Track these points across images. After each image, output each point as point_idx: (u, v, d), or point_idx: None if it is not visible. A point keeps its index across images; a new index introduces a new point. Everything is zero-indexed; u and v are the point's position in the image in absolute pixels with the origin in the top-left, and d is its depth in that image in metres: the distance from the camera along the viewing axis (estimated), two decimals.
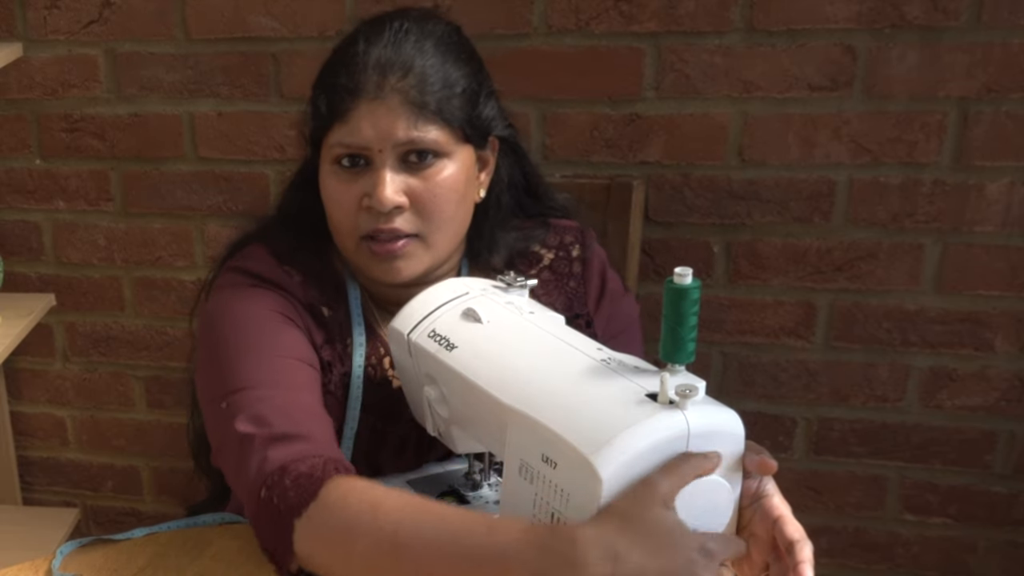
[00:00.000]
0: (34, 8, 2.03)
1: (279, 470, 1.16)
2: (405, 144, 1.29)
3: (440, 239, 1.34)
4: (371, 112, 1.29)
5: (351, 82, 1.30)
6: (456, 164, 1.33)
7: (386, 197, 1.29)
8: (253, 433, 1.21)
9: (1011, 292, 1.85)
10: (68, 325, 2.28)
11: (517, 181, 1.47)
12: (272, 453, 1.18)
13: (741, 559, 1.04)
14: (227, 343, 1.31)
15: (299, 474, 1.15)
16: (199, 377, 1.37)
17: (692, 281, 0.96)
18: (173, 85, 2.04)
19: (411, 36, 1.32)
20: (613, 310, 1.48)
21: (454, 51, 1.34)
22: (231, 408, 1.25)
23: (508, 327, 1.16)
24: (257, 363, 1.28)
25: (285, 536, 1.13)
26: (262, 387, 1.26)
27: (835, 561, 2.09)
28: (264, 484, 1.16)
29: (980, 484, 1.98)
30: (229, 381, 1.27)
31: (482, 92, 1.37)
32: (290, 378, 1.29)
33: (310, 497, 1.12)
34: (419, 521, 1.05)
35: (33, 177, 2.17)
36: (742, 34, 1.80)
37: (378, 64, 1.30)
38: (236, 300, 1.36)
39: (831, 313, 1.93)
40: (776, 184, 1.87)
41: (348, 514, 1.10)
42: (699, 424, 0.95)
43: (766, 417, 2.02)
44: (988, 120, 1.77)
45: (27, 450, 2.41)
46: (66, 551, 1.34)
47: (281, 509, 1.13)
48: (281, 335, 1.32)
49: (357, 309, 1.40)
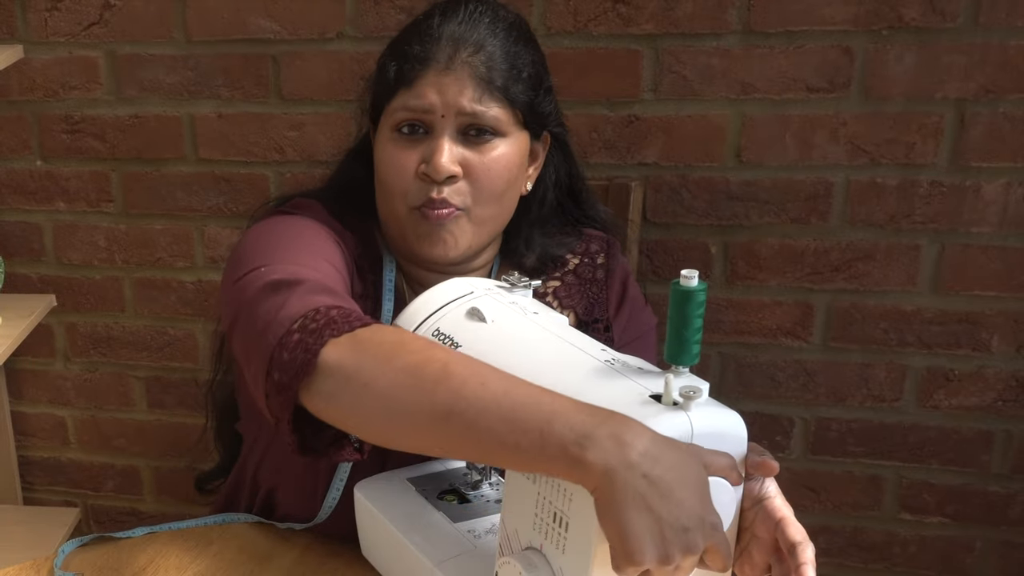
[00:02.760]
0: (35, 10, 2.04)
1: (328, 306, 1.09)
2: (468, 115, 1.32)
3: (486, 216, 1.36)
4: (438, 81, 1.32)
5: (423, 51, 1.33)
6: (512, 146, 1.35)
7: (443, 164, 1.31)
8: (298, 279, 1.15)
9: (1008, 292, 1.86)
10: (69, 325, 2.28)
11: (562, 181, 1.49)
12: (319, 297, 1.12)
13: (743, 560, 1.05)
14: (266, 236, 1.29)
15: (350, 309, 1.09)
16: (225, 272, 1.29)
17: (698, 283, 0.96)
18: (173, 86, 2.04)
19: (485, 18, 1.35)
20: (631, 318, 1.49)
21: (524, 39, 1.38)
22: (265, 272, 1.18)
23: (512, 327, 1.16)
24: (295, 252, 1.24)
25: (311, 351, 1.04)
26: (303, 265, 1.21)
27: (833, 561, 2.10)
28: (305, 315, 1.08)
29: (977, 484, 1.99)
30: (260, 258, 1.22)
31: (543, 84, 1.40)
32: (325, 271, 1.24)
33: (359, 323, 1.06)
34: (474, 362, 1.00)
35: (34, 178, 2.17)
36: (740, 36, 1.81)
37: (451, 38, 1.33)
38: (282, 217, 1.35)
39: (829, 313, 1.94)
40: (774, 185, 1.88)
41: (403, 335, 1.05)
42: (702, 425, 0.95)
43: (764, 417, 2.03)
44: (985, 121, 1.78)
45: (28, 450, 2.41)
46: (68, 550, 1.34)
47: (320, 327, 1.06)
48: (324, 242, 1.31)
49: (390, 284, 1.41)
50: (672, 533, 0.89)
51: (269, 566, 1.31)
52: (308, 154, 2.01)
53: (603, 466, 0.89)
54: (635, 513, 0.89)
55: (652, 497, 0.89)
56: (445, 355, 1.01)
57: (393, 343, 1.04)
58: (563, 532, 0.98)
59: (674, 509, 0.89)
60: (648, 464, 0.89)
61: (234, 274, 1.25)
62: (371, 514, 1.28)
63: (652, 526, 0.89)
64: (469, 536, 1.21)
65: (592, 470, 0.90)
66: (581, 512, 0.96)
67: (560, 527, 0.98)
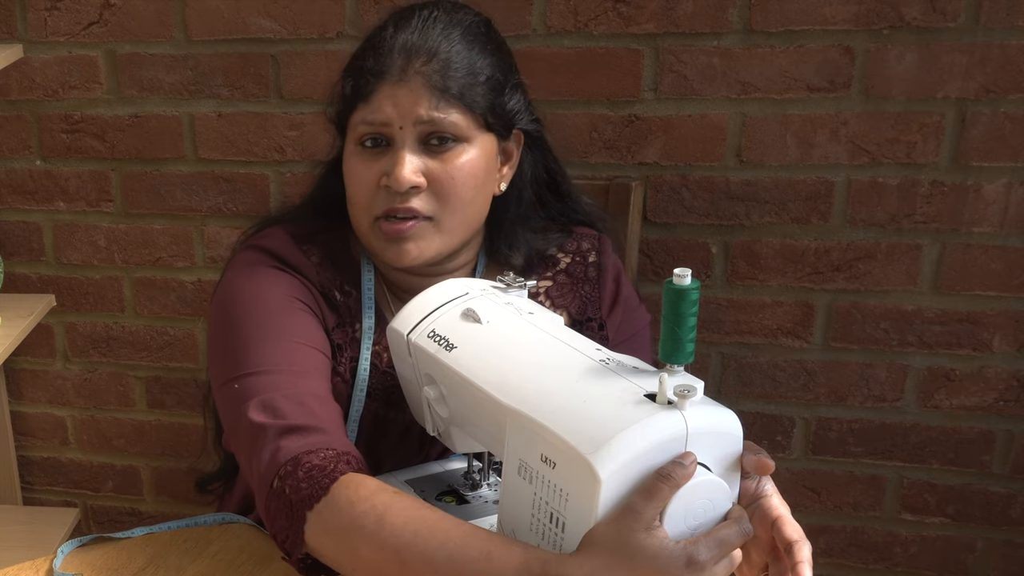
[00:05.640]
0: (34, 9, 2.04)
1: (292, 461, 1.16)
2: (426, 123, 1.31)
3: (454, 224, 1.36)
4: (393, 93, 1.32)
5: (377, 65, 1.33)
6: (476, 150, 1.35)
7: (404, 176, 1.31)
8: (266, 423, 1.21)
9: (1009, 292, 1.86)
10: (68, 325, 2.28)
11: (540, 177, 1.49)
12: (285, 443, 1.19)
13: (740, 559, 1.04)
14: (240, 325, 1.32)
15: (312, 466, 1.15)
16: (211, 356, 1.37)
17: (691, 282, 0.96)
18: (173, 86, 2.04)
19: (439, 24, 1.34)
20: (625, 317, 1.49)
21: (481, 41, 1.37)
22: (243, 392, 1.25)
23: (508, 327, 1.16)
24: (269, 346, 1.29)
25: (297, 526, 1.14)
26: (274, 372, 1.26)
27: (833, 561, 2.09)
28: (277, 474, 1.17)
29: (978, 484, 1.99)
30: (241, 363, 1.28)
31: (508, 83, 1.39)
32: (301, 363, 1.29)
33: (321, 492, 1.13)
34: (421, 539, 1.06)
35: (34, 178, 2.17)
36: (740, 35, 1.81)
37: (404, 48, 1.32)
38: (251, 282, 1.37)
39: (829, 313, 1.94)
40: (774, 185, 1.88)
41: (354, 518, 1.10)
42: (697, 424, 0.95)
43: (764, 417, 2.03)
44: (986, 121, 1.77)
45: (27, 450, 2.42)
46: (67, 550, 1.34)
47: (293, 500, 1.14)
48: (294, 320, 1.33)
49: (369, 294, 1.41)
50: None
51: (269, 566, 1.31)
52: (308, 154, 2.01)
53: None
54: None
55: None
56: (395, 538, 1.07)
57: (348, 528, 1.11)
58: (559, 532, 0.98)
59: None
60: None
61: (217, 373, 1.33)
62: None
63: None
64: None
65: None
66: (577, 512, 0.96)
67: (556, 527, 0.98)
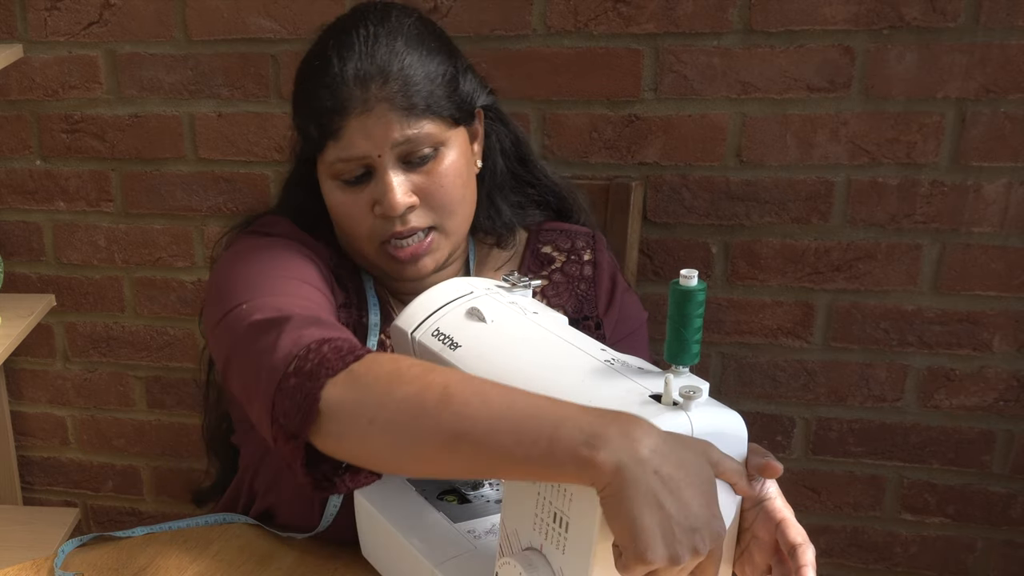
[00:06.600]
0: (34, 9, 2.04)
1: (318, 342, 1.09)
2: (402, 144, 1.30)
3: (456, 224, 1.37)
4: (362, 125, 1.29)
5: (336, 102, 1.30)
6: (454, 150, 1.35)
7: (397, 202, 1.30)
8: (282, 316, 1.14)
9: (1009, 292, 1.86)
10: (68, 325, 2.28)
11: (507, 148, 1.49)
12: (308, 331, 1.11)
13: (743, 561, 1.04)
14: (246, 263, 1.28)
15: (341, 342, 1.08)
16: (210, 301, 1.29)
17: (698, 283, 0.96)
18: (173, 86, 2.04)
19: (380, 40, 1.31)
20: (622, 314, 1.49)
21: (425, 41, 1.34)
22: (247, 311, 1.18)
23: (512, 327, 1.16)
24: (278, 280, 1.24)
25: (312, 396, 1.05)
26: (284, 295, 1.21)
27: (833, 561, 2.09)
28: (298, 355, 1.08)
29: (978, 484, 1.99)
30: (243, 293, 1.22)
31: (459, 71, 1.37)
32: (311, 299, 1.24)
33: (352, 358, 1.06)
34: (472, 379, 1.01)
35: (33, 178, 2.17)
36: (740, 35, 1.81)
37: (357, 78, 1.29)
38: (256, 241, 1.34)
39: (829, 313, 1.94)
40: (774, 185, 1.88)
41: (399, 364, 1.04)
42: (702, 425, 0.95)
43: (764, 417, 2.03)
44: (986, 121, 1.78)
45: (27, 450, 2.41)
46: (67, 550, 1.34)
47: (315, 366, 1.06)
48: (304, 266, 1.30)
49: (372, 294, 1.41)
50: (682, 533, 0.89)
51: (269, 567, 1.31)
52: None
53: (614, 463, 0.89)
54: (647, 510, 0.88)
55: (663, 494, 0.89)
56: (443, 378, 1.01)
57: (390, 373, 1.03)
58: (563, 532, 0.98)
59: (684, 508, 0.89)
60: (658, 460, 0.89)
61: (216, 313, 1.25)
62: (371, 515, 1.28)
63: (663, 524, 0.89)
64: (469, 536, 1.21)
65: (603, 468, 0.89)
66: (581, 512, 0.96)
67: (560, 527, 0.98)
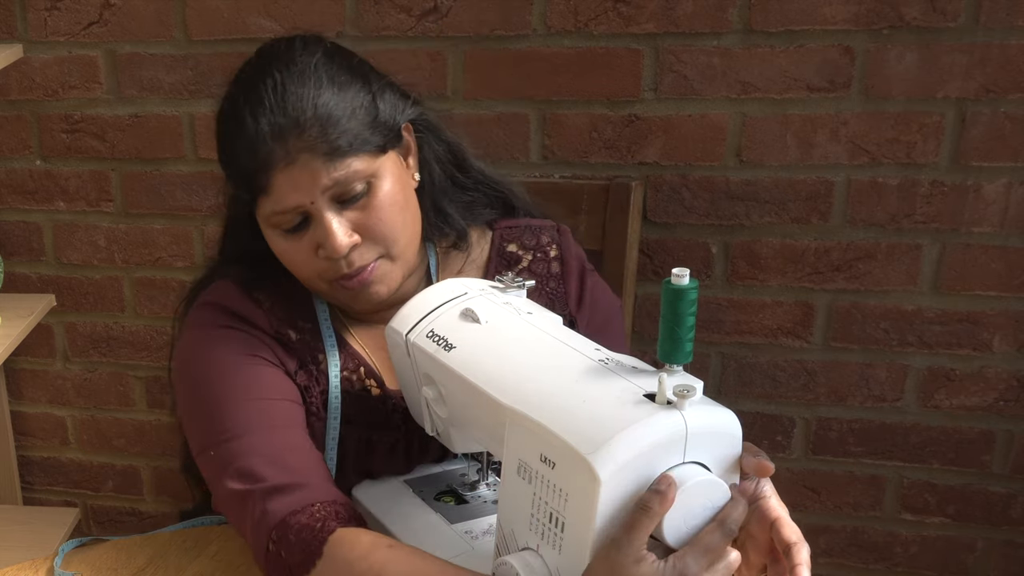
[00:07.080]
0: (34, 9, 2.04)
1: (280, 525, 1.19)
2: (332, 187, 1.28)
3: (401, 248, 1.35)
4: (288, 178, 1.27)
5: (257, 161, 1.28)
6: (387, 178, 1.32)
7: (339, 243, 1.29)
8: (247, 489, 1.23)
9: (1009, 292, 1.86)
10: (68, 325, 2.28)
11: (440, 154, 1.46)
12: (270, 506, 1.21)
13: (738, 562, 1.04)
14: (205, 391, 1.32)
15: (301, 527, 1.18)
16: (184, 425, 1.38)
17: (690, 281, 0.96)
18: (173, 86, 2.04)
19: (289, 88, 1.28)
20: (594, 308, 1.47)
21: (335, 78, 1.31)
22: (220, 460, 1.27)
23: (506, 327, 1.16)
24: (237, 408, 1.29)
25: None
26: (245, 434, 1.27)
27: (833, 561, 2.09)
28: (269, 539, 1.19)
29: (978, 484, 1.99)
30: (213, 430, 1.29)
31: (376, 96, 1.33)
32: (271, 418, 1.29)
33: (316, 555, 1.16)
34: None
35: (33, 178, 2.17)
36: (740, 35, 1.81)
37: (273, 133, 1.27)
38: (208, 346, 1.36)
39: (829, 313, 1.94)
40: (774, 185, 1.88)
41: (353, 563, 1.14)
42: (697, 424, 0.95)
43: (764, 417, 2.02)
44: (986, 121, 1.77)
45: (27, 450, 2.42)
46: (67, 549, 1.34)
47: (290, 564, 1.17)
48: (257, 376, 1.33)
49: (326, 323, 1.40)
50: None
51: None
52: None
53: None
54: None
55: None
56: None
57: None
58: (559, 532, 0.98)
59: None
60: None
61: (194, 442, 1.34)
62: (368, 515, 1.28)
63: None
64: (466, 537, 1.22)
65: None
66: (576, 512, 0.96)
67: (556, 527, 0.98)
